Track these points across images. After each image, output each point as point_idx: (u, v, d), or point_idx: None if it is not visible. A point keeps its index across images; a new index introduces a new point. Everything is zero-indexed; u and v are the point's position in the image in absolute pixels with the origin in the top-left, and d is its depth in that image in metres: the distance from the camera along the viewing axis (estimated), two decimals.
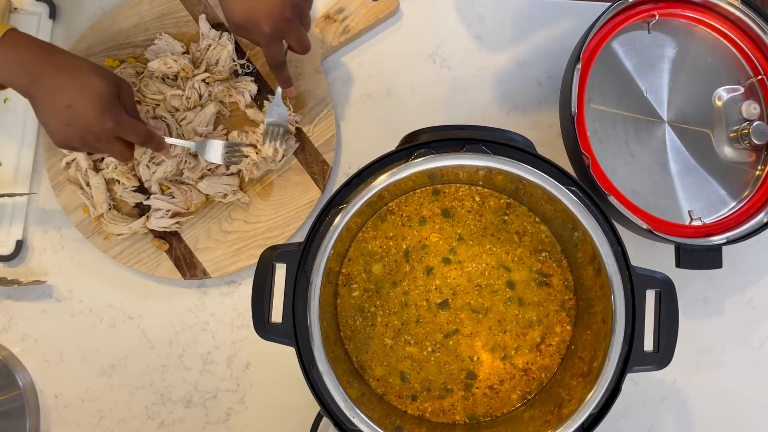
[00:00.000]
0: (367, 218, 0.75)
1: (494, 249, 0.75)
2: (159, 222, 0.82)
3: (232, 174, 0.84)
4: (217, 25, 0.86)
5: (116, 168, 0.82)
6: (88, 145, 0.71)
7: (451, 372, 0.74)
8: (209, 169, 0.83)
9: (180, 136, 0.83)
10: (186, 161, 0.82)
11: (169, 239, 0.84)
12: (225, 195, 0.83)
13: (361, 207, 0.64)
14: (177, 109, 0.83)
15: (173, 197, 0.82)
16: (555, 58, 0.88)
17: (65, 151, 0.83)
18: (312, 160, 0.85)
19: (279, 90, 0.81)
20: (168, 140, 0.77)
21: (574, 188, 0.64)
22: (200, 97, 0.84)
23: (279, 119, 0.82)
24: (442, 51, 0.89)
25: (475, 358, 0.74)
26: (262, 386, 0.86)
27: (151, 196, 0.82)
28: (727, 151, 0.80)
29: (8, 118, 0.86)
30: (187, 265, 0.84)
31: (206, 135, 0.83)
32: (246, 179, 0.84)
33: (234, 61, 0.85)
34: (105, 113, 0.69)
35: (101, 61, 0.85)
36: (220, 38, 0.84)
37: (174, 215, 0.83)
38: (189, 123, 0.83)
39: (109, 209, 0.83)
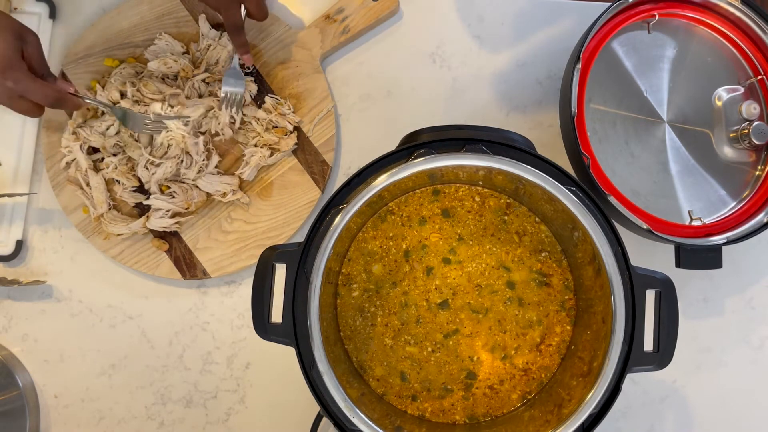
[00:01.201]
0: (367, 218, 0.75)
1: (494, 249, 0.75)
2: (159, 222, 0.82)
3: (231, 174, 0.84)
4: (217, 25, 0.86)
5: (116, 168, 0.82)
6: None
7: (451, 372, 0.74)
8: (205, 165, 0.83)
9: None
10: (183, 161, 0.82)
11: (169, 239, 0.84)
12: (224, 194, 0.83)
13: (361, 207, 0.64)
14: None
15: (173, 197, 0.82)
16: (555, 58, 0.88)
17: (65, 151, 0.83)
18: (312, 160, 0.85)
19: (236, 57, 0.83)
20: (87, 100, 0.75)
21: (574, 188, 0.64)
22: (200, 96, 0.84)
23: (236, 86, 0.83)
24: (442, 51, 0.89)
25: (475, 358, 0.74)
26: (262, 386, 0.86)
27: (151, 196, 0.82)
28: (727, 151, 0.80)
29: (8, 118, 0.86)
30: (187, 265, 0.84)
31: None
32: (244, 179, 0.84)
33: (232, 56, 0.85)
34: (3, 72, 0.63)
35: (101, 61, 0.85)
36: (220, 38, 0.84)
37: (174, 215, 0.83)
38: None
39: (109, 209, 0.83)
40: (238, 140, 0.84)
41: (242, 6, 0.78)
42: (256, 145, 0.84)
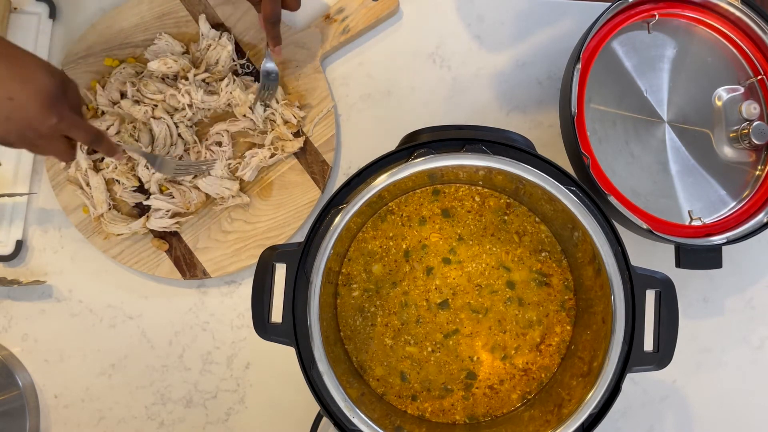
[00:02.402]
0: (367, 218, 0.75)
1: (494, 249, 0.75)
2: (159, 222, 0.82)
3: (233, 179, 0.83)
4: (217, 25, 0.86)
5: (116, 168, 0.82)
6: (27, 141, 0.67)
7: (451, 372, 0.74)
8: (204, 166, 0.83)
9: (179, 137, 0.83)
10: (182, 160, 0.82)
11: (169, 239, 0.84)
12: (223, 198, 0.83)
13: (361, 207, 0.64)
14: (176, 109, 0.83)
15: (173, 197, 0.82)
16: (555, 58, 0.88)
17: None
18: (312, 160, 0.85)
19: (268, 51, 0.82)
20: (124, 147, 0.76)
21: (574, 188, 0.64)
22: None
23: (272, 79, 0.82)
24: (442, 51, 0.89)
25: (475, 358, 0.74)
26: (262, 386, 0.86)
27: (151, 197, 0.82)
28: (727, 151, 0.80)
29: None
30: (187, 265, 0.84)
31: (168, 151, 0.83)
32: (245, 179, 0.84)
33: (234, 61, 0.85)
34: (49, 108, 0.65)
35: (101, 61, 0.85)
36: (220, 38, 0.84)
37: (174, 215, 0.83)
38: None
39: (109, 209, 0.83)
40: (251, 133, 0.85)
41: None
42: (264, 145, 0.84)
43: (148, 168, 0.82)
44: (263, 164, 0.84)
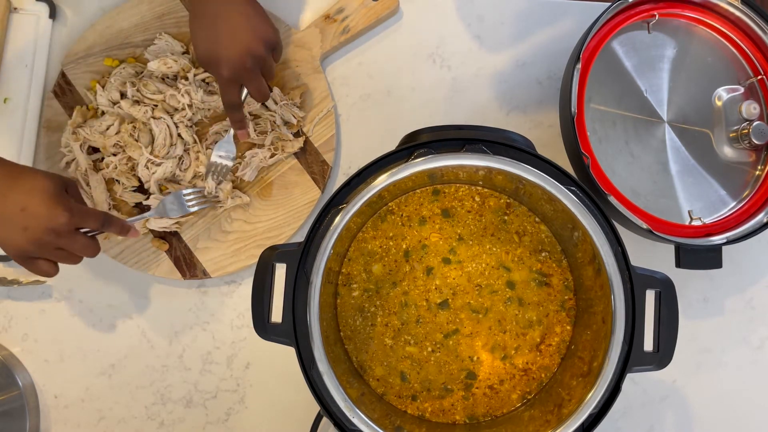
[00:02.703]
0: (367, 218, 0.75)
1: (494, 249, 0.75)
2: (159, 222, 0.82)
3: (226, 180, 0.83)
4: None
5: (116, 168, 0.82)
6: (49, 246, 0.68)
7: (451, 372, 0.74)
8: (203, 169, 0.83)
9: (179, 137, 0.83)
10: (182, 161, 0.82)
11: (169, 239, 0.84)
12: (219, 200, 0.83)
13: (361, 207, 0.64)
14: (176, 109, 0.83)
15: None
16: (555, 58, 0.88)
17: (65, 151, 0.83)
18: (312, 160, 0.85)
19: (231, 130, 0.82)
20: (129, 219, 0.77)
21: (574, 188, 0.64)
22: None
23: (226, 156, 0.82)
24: (442, 51, 0.89)
25: (475, 358, 0.74)
26: (262, 386, 0.86)
27: (151, 196, 0.82)
28: (727, 151, 0.80)
29: (8, 118, 0.86)
30: (187, 265, 0.84)
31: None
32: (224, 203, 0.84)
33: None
34: (57, 207, 0.67)
35: (101, 61, 0.85)
36: None
37: None
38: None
39: (109, 209, 0.83)
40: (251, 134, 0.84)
41: (242, 87, 0.76)
42: (268, 146, 0.84)
43: (147, 168, 0.82)
44: (263, 164, 0.84)
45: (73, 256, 0.71)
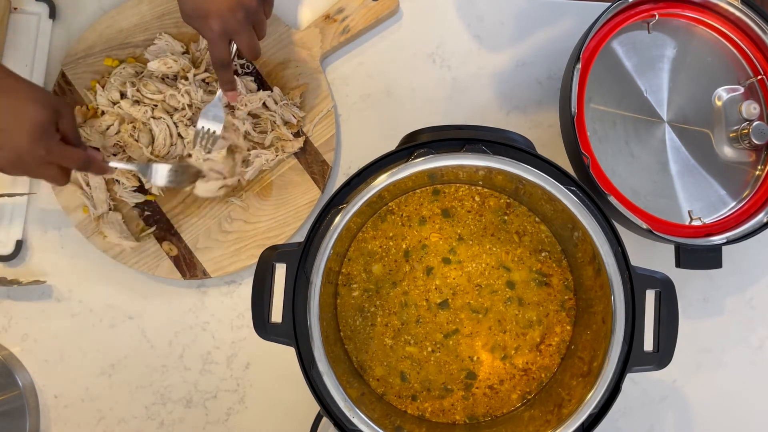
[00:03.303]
0: (367, 218, 0.75)
1: (494, 249, 0.75)
2: (206, 187, 0.81)
3: (220, 150, 0.82)
4: None
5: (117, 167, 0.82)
6: (19, 169, 0.69)
7: (451, 372, 0.74)
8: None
9: (179, 137, 0.83)
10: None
11: (169, 239, 0.84)
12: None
13: (361, 207, 0.64)
14: (176, 109, 0.83)
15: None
16: (555, 58, 0.88)
17: None
18: (312, 160, 0.85)
19: (220, 92, 0.79)
20: (111, 164, 0.76)
21: (574, 188, 0.64)
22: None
23: (213, 123, 0.79)
24: (442, 51, 0.89)
25: (475, 358, 0.74)
26: (262, 386, 0.86)
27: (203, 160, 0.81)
28: (727, 151, 0.80)
29: None
30: (187, 265, 0.84)
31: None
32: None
33: (234, 61, 0.85)
34: (38, 141, 0.67)
35: (101, 61, 0.85)
36: None
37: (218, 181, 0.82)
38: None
39: (110, 210, 0.83)
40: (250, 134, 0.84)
41: (232, 42, 0.73)
42: (268, 145, 0.84)
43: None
44: (266, 167, 0.84)
45: (37, 177, 0.72)
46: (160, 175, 0.80)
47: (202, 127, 0.79)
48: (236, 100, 0.80)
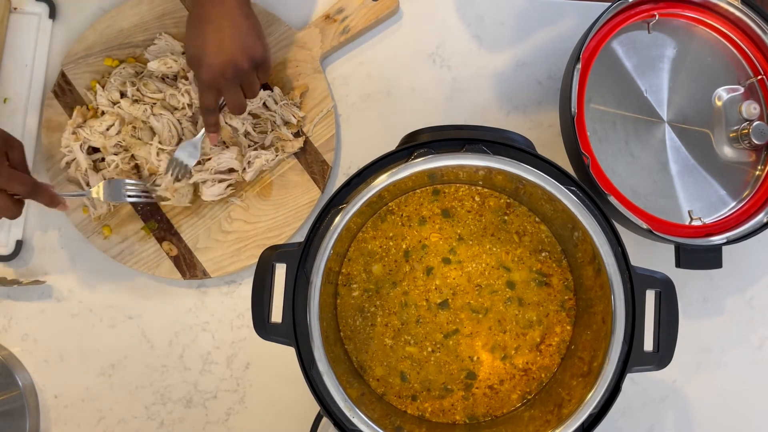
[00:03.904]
0: (367, 218, 0.75)
1: (494, 249, 0.75)
2: (211, 191, 0.82)
3: (185, 182, 0.83)
4: None
5: (118, 167, 0.82)
6: None
7: (451, 372, 0.74)
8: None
9: (180, 134, 0.83)
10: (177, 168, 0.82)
11: (169, 239, 0.84)
12: (163, 199, 0.83)
13: (361, 207, 0.64)
14: (176, 108, 0.83)
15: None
16: (555, 58, 0.88)
17: (65, 151, 0.83)
18: (312, 160, 0.85)
19: (202, 131, 0.81)
20: (61, 194, 0.76)
21: (574, 188, 0.64)
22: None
23: (188, 158, 0.81)
24: (442, 51, 0.89)
25: (475, 358, 0.74)
26: (262, 386, 0.86)
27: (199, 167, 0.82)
28: (727, 151, 0.80)
29: (8, 118, 0.86)
30: (187, 265, 0.84)
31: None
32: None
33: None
34: None
35: (101, 61, 0.85)
36: None
37: (223, 181, 0.83)
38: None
39: (110, 210, 0.83)
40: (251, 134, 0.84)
41: (220, 94, 0.76)
42: (268, 145, 0.84)
43: (159, 156, 0.82)
44: (267, 167, 0.84)
45: None
46: (116, 190, 0.80)
47: (177, 158, 0.81)
48: (215, 143, 0.81)
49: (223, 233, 0.84)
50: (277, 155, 0.84)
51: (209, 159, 0.82)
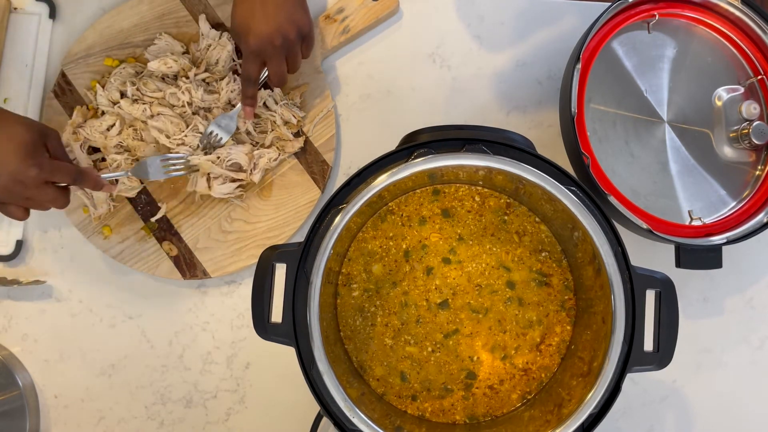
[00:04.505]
0: (367, 218, 0.75)
1: (494, 249, 0.75)
2: (222, 189, 0.82)
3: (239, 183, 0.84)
4: (217, 25, 0.86)
5: (120, 166, 0.82)
6: (17, 195, 0.69)
7: (451, 372, 0.74)
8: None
9: (186, 127, 0.83)
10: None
11: (169, 239, 0.84)
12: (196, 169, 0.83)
13: (361, 207, 0.64)
14: (175, 107, 0.83)
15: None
16: (555, 58, 0.88)
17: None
18: (312, 160, 0.85)
19: (239, 105, 0.82)
20: (104, 175, 0.77)
21: (574, 188, 0.64)
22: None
23: (223, 131, 0.82)
24: (442, 51, 0.89)
25: (475, 358, 0.74)
26: (262, 386, 0.86)
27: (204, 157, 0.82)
28: (727, 151, 0.80)
29: None
30: (187, 265, 0.84)
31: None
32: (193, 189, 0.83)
33: (234, 60, 0.85)
34: (27, 160, 0.68)
35: (101, 61, 0.85)
36: (220, 38, 0.84)
37: (234, 180, 0.83)
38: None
39: (110, 210, 0.83)
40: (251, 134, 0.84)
41: (264, 65, 0.77)
42: (268, 145, 0.84)
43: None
44: (269, 166, 0.84)
45: (42, 205, 0.72)
46: (156, 168, 0.80)
47: (211, 132, 0.81)
48: (251, 117, 0.82)
49: (223, 233, 0.84)
50: (279, 155, 0.84)
51: (222, 147, 0.82)
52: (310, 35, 0.78)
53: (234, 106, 0.83)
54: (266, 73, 0.80)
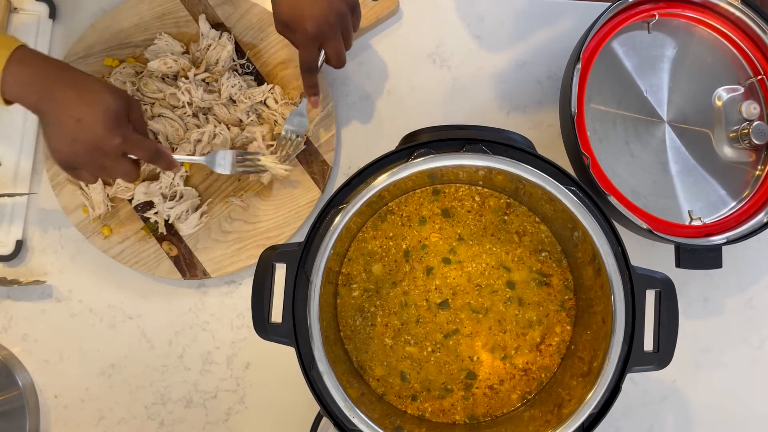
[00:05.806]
0: (367, 218, 0.75)
1: (494, 249, 0.75)
2: (189, 224, 0.82)
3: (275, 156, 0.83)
4: (217, 25, 0.86)
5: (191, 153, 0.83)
6: (93, 161, 0.69)
7: (451, 372, 0.74)
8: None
9: (184, 129, 0.83)
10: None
11: (169, 239, 0.84)
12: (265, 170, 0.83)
13: (361, 207, 0.64)
14: (175, 107, 0.83)
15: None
16: (555, 58, 0.88)
17: None
18: (312, 160, 0.85)
19: (305, 99, 0.82)
20: (176, 157, 0.76)
21: (574, 188, 0.64)
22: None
23: (298, 128, 0.82)
24: (442, 51, 0.89)
25: (475, 358, 0.74)
26: (262, 386, 0.86)
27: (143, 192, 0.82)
28: (727, 151, 0.80)
29: (9, 119, 0.86)
30: (187, 265, 0.84)
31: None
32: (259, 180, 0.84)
33: (234, 60, 0.85)
34: (114, 129, 0.68)
35: (101, 61, 0.85)
36: (220, 38, 0.84)
37: (197, 209, 0.83)
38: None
39: (108, 211, 0.83)
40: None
41: (321, 49, 0.76)
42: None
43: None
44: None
45: (112, 176, 0.72)
46: (227, 162, 0.80)
47: (288, 133, 0.82)
48: (318, 105, 0.82)
49: (223, 233, 0.84)
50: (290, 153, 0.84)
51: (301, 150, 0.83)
52: (357, 5, 0.76)
53: (235, 101, 0.84)
54: (323, 57, 0.78)
